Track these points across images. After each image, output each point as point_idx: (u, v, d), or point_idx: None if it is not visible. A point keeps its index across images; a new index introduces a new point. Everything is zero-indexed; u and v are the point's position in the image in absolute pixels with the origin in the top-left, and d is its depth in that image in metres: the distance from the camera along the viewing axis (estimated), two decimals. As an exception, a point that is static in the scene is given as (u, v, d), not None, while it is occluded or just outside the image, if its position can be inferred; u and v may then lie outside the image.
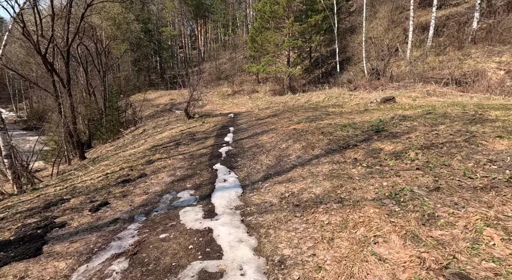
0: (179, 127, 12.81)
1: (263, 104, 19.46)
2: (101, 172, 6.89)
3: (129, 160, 7.54)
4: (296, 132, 7.33)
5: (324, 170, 4.67)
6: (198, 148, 7.69)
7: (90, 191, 5.19)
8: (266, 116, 11.34)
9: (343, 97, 14.64)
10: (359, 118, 8.14)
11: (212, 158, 6.44)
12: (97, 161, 10.35)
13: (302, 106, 13.37)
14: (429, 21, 23.08)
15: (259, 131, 8.60)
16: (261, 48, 24.35)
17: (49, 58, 16.93)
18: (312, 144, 6.08)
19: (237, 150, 6.93)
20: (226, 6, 35.67)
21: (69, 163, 16.01)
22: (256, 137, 7.90)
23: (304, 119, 9.20)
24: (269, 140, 7.22)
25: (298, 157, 5.60)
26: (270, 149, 6.44)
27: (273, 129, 8.32)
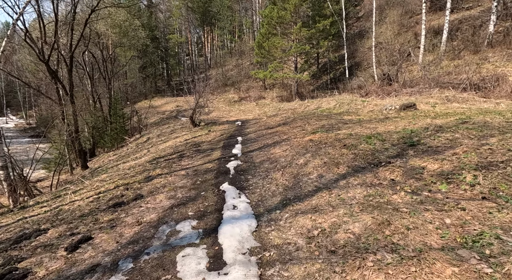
0: (184, 136, 11.96)
1: (270, 111, 18.56)
2: (94, 190, 6.01)
3: (127, 176, 6.66)
4: (313, 144, 6.38)
5: (357, 196, 3.70)
6: (203, 162, 6.78)
7: (74, 217, 4.30)
8: (276, 125, 10.42)
9: (355, 104, 13.66)
10: (382, 127, 7.18)
11: (219, 175, 5.52)
12: (96, 173, 9.52)
13: (313, 113, 12.43)
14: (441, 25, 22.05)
15: (270, 142, 7.67)
16: (268, 54, 23.58)
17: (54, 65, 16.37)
18: (335, 159, 5.12)
19: (247, 165, 5.99)
20: (232, 13, 35.14)
21: (71, 173, 15.26)
22: (267, 149, 6.97)
23: (319, 128, 8.26)
24: (283, 153, 6.28)
25: (321, 177, 4.64)
26: (285, 165, 5.49)
27: (286, 140, 7.38)
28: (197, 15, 34.37)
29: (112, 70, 21.11)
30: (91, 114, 18.64)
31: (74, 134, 13.86)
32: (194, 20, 36.03)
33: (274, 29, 23.83)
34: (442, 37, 18.86)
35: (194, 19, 35.84)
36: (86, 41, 18.28)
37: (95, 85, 20.96)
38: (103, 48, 20.32)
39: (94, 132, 17.93)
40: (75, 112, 13.90)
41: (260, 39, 23.53)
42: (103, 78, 20.66)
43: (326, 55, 26.01)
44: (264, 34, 23.49)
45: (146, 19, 29.99)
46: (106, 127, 18.25)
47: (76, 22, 14.09)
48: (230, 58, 35.08)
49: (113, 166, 9.94)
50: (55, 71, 13.22)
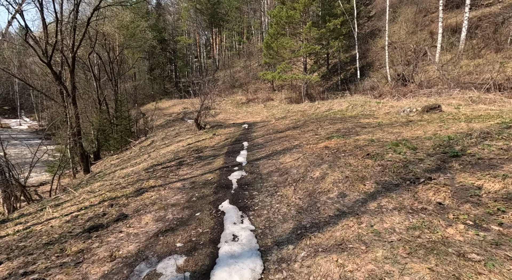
0: (188, 140, 11.13)
1: (279, 113, 17.60)
2: (78, 203, 5.18)
3: (118, 186, 5.81)
4: (329, 152, 5.40)
5: (397, 228, 2.72)
6: (203, 171, 5.88)
7: (39, 245, 3.44)
8: (286, 128, 9.46)
9: (370, 105, 12.59)
10: (408, 132, 6.16)
11: (219, 190, 4.60)
12: (91, 180, 8.76)
13: (325, 115, 11.41)
14: (459, 22, 20.68)
15: (279, 148, 6.72)
16: (277, 55, 22.65)
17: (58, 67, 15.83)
18: (359, 173, 4.14)
19: (253, 178, 5.05)
20: (241, 14, 34.36)
21: (74, 176, 14.64)
22: (276, 157, 6.01)
23: (334, 132, 7.27)
24: (294, 162, 5.32)
25: (343, 196, 3.67)
26: (297, 179, 4.53)
27: (298, 147, 6.42)
28: (206, 16, 33.70)
29: (119, 72, 20.54)
30: (97, 116, 18.06)
31: (76, 137, 13.23)
32: (202, 22, 35.40)
33: (283, 29, 22.89)
34: (460, 35, 17.57)
35: (202, 20, 35.20)
36: (92, 42, 17.76)
37: (102, 87, 20.43)
38: (109, 50, 19.77)
39: (99, 134, 17.31)
40: (77, 114, 13.26)
41: (268, 40, 22.63)
42: (109, 80, 20.10)
43: (337, 56, 24.89)
44: (273, 34, 22.58)
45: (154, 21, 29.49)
46: (111, 129, 17.62)
47: (79, 22, 13.50)
48: (238, 59, 34.27)
49: (110, 172, 9.15)
50: (57, 72, 12.61)
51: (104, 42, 19.03)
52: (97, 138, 17.31)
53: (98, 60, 19.93)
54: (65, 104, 14.12)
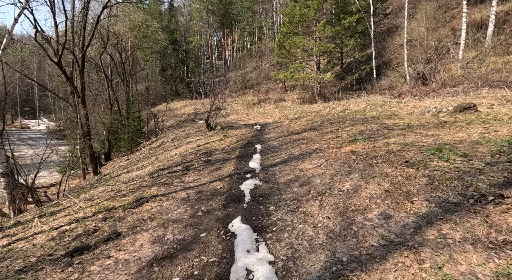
0: (197, 141, 10.47)
1: (292, 113, 16.76)
2: (72, 214, 4.55)
3: (118, 194, 5.16)
4: (357, 157, 4.56)
5: (481, 275, 1.89)
6: (211, 178, 5.15)
7: (8, 273, 2.78)
8: (302, 130, 8.63)
9: (390, 105, 11.61)
10: (447, 135, 5.25)
11: (229, 203, 3.84)
12: (96, 184, 8.19)
13: (343, 116, 10.51)
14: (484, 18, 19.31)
15: (296, 152, 5.91)
16: (289, 54, 21.80)
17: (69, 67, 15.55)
18: (401, 185, 3.30)
19: (268, 188, 4.27)
20: (253, 14, 33.67)
21: (84, 178, 14.25)
22: (294, 163, 5.21)
23: (358, 135, 6.42)
24: (317, 170, 4.51)
25: (386, 216, 2.84)
26: (323, 191, 3.73)
27: (318, 151, 5.59)
28: (217, 17, 33.18)
29: (130, 73, 20.20)
30: (108, 117, 17.73)
31: (85, 137, 12.83)
32: (214, 22, 34.90)
33: (296, 28, 22.05)
34: (487, 31, 16.27)
35: (214, 21, 34.71)
36: (104, 42, 17.44)
37: (115, 88, 20.15)
38: (121, 50, 19.44)
39: (110, 135, 16.94)
40: (86, 114, 12.84)
41: (281, 39, 21.81)
42: (121, 80, 19.78)
43: (351, 55, 23.81)
44: (285, 33, 21.75)
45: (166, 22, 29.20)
46: (122, 130, 17.23)
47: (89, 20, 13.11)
48: (249, 60, 33.56)
49: (116, 176, 8.57)
50: (67, 72, 12.22)
51: (116, 43, 18.71)
52: (108, 139, 16.93)
53: (111, 61, 19.65)
54: (76, 104, 13.78)
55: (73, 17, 13.21)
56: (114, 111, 18.36)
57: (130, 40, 20.05)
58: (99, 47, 17.92)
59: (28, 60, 44.34)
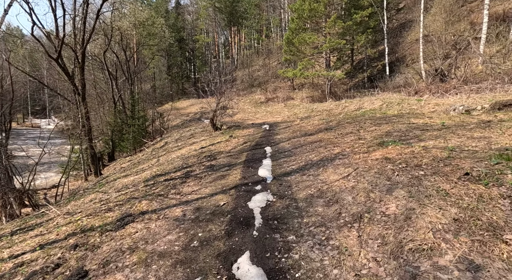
0: (202, 142, 9.56)
1: (302, 112, 15.74)
2: (42, 235, 3.68)
3: (102, 209, 4.27)
4: (395, 167, 3.56)
5: None
6: (213, 189, 4.21)
7: None
8: (316, 130, 7.62)
9: (409, 103, 10.51)
10: (502, 138, 4.22)
11: (234, 228, 2.89)
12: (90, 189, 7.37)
13: (361, 115, 9.45)
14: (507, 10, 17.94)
15: (315, 158, 4.92)
16: (298, 51, 20.72)
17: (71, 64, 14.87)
18: (477, 212, 2.29)
19: (284, 205, 3.30)
20: (260, 11, 32.56)
21: (86, 179, 13.54)
22: (314, 171, 4.22)
23: (384, 136, 5.41)
24: (345, 183, 3.52)
25: (472, 268, 1.84)
26: (360, 214, 2.74)
27: (341, 156, 4.60)
28: (224, 15, 32.22)
29: (135, 71, 19.45)
30: (112, 116, 17.03)
31: (86, 137, 12.10)
32: (221, 20, 33.95)
33: (305, 24, 20.94)
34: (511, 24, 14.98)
35: (221, 19, 33.76)
36: (108, 39, 16.71)
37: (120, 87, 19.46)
38: (126, 48, 18.69)
39: (113, 135, 16.22)
40: (87, 113, 12.09)
41: (289, 35, 20.75)
42: (126, 79, 19.05)
43: (363, 51, 22.54)
44: (294, 29, 20.68)
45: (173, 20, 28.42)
46: (126, 130, 16.48)
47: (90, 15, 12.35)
48: (257, 58, 32.53)
49: (112, 180, 7.73)
50: (66, 69, 11.47)
51: (120, 40, 17.96)
52: (112, 139, 16.22)
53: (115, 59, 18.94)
54: (77, 102, 13.06)
55: (75, 11, 12.47)
56: (119, 110, 17.65)
57: (135, 37, 19.29)
58: (102, 44, 17.22)
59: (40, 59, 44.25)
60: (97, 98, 20.05)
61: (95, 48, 18.64)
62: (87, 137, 12.17)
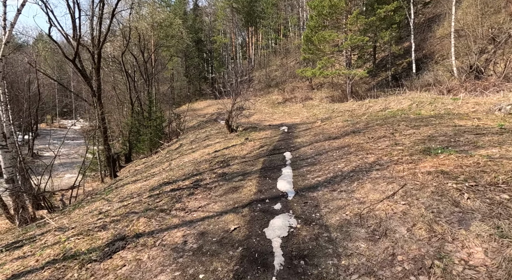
0: (216, 145, 8.91)
1: (322, 113, 14.75)
2: (20, 260, 3.10)
3: (97, 225, 3.65)
4: (458, 184, 2.64)
5: None
6: (223, 206, 3.47)
7: None
8: (341, 133, 6.70)
9: (443, 103, 9.33)
10: None
11: (247, 271, 2.12)
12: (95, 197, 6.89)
13: (391, 116, 8.39)
14: (553, -2, 16.10)
15: (345, 167, 4.05)
16: (317, 50, 19.68)
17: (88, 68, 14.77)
18: None
19: (313, 236, 2.48)
20: (278, 10, 31.67)
21: (102, 180, 13.34)
22: (346, 185, 3.37)
23: (427, 141, 4.47)
24: (392, 205, 2.65)
25: None
26: (425, 259, 1.89)
27: (378, 167, 3.71)
28: (242, 15, 31.60)
29: (152, 72, 19.24)
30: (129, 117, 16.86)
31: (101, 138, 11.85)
32: (238, 21, 33.38)
33: (325, 21, 19.86)
34: (562, 12, 13.13)
35: (238, 20, 33.19)
36: (126, 40, 16.54)
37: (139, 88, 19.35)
38: (144, 49, 18.51)
39: (130, 136, 16.00)
40: (102, 114, 11.82)
41: (308, 33, 19.76)
42: (144, 80, 18.87)
43: (386, 48, 21.09)
44: (313, 27, 19.66)
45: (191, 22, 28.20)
46: (142, 131, 16.22)
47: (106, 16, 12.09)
48: (274, 57, 31.65)
49: (121, 186, 7.23)
50: (82, 70, 11.23)
51: (138, 41, 17.78)
52: (129, 140, 16.01)
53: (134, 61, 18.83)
54: (94, 104, 12.86)
55: (92, 11, 12.25)
56: (136, 112, 17.47)
57: (153, 38, 19.09)
58: (121, 46, 17.10)
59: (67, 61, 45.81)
60: (117, 99, 20.05)
61: (114, 51, 18.62)
62: (103, 138, 11.92)
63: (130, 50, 17.68)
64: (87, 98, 16.06)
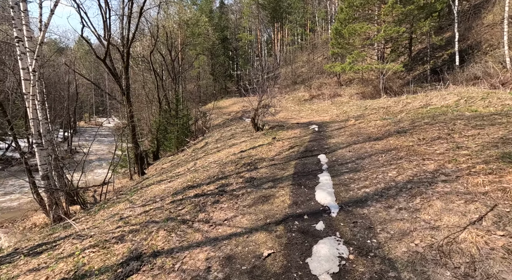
0: (241, 144, 8.43)
1: (353, 110, 13.71)
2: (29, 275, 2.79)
3: (114, 236, 3.30)
4: None
5: None
6: (253, 220, 2.93)
7: None
8: (383, 133, 5.87)
9: (499, 98, 8.11)
10: None
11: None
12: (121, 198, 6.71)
13: (441, 113, 7.34)
14: None
15: (399, 177, 3.32)
16: (347, 44, 18.52)
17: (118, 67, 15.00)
18: None
19: (374, 277, 1.86)
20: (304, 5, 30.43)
21: (131, 178, 13.51)
22: (406, 202, 2.67)
23: (501, 144, 3.57)
24: (482, 235, 1.94)
25: None
26: None
27: (443, 177, 2.95)
28: (268, 11, 30.83)
29: (179, 70, 19.26)
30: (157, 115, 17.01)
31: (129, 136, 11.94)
32: (264, 17, 32.67)
33: (356, 13, 18.57)
34: None
35: (264, 16, 32.48)
36: (154, 39, 16.64)
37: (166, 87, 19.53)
38: (171, 48, 18.55)
39: (158, 134, 16.11)
40: (130, 112, 11.87)
41: (338, 26, 18.61)
42: (171, 78, 18.96)
43: (423, 40, 19.28)
44: (343, 19, 18.49)
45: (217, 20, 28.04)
46: (170, 129, 16.27)
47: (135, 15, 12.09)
48: (300, 54, 30.57)
49: (147, 186, 7.00)
50: (111, 70, 11.33)
51: (166, 40, 17.84)
52: (157, 138, 16.13)
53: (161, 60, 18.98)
54: (123, 102, 13.01)
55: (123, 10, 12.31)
56: (164, 110, 17.59)
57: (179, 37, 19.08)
58: (150, 45, 17.26)
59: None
60: (146, 98, 20.40)
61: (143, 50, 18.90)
62: (131, 136, 11.99)
63: (158, 49, 17.79)
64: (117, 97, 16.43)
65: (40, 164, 8.40)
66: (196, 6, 29.17)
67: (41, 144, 8.52)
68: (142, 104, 21.27)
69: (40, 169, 8.46)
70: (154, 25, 15.43)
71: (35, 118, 8.21)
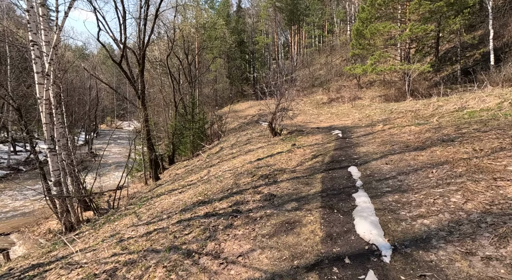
0: (258, 151, 7.76)
1: (376, 114, 12.68)
2: None
3: (108, 263, 2.71)
4: None
5: None
6: (274, 259, 2.23)
7: None
8: (424, 142, 4.98)
9: (554, 101, 6.82)
10: None
11: None
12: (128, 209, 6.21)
13: (491, 117, 6.30)
14: None
15: (468, 205, 2.50)
16: (368, 44, 17.47)
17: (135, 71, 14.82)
18: None
19: None
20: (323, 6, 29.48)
21: (146, 182, 13.18)
22: (490, 245, 1.89)
23: None
24: None
25: None
26: None
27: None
28: (285, 13, 30.15)
29: (196, 74, 18.97)
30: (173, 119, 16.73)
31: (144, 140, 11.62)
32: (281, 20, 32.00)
33: (379, 11, 17.49)
34: None
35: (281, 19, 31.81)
36: (171, 43, 16.44)
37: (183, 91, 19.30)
38: (188, 52, 18.31)
39: (174, 138, 15.79)
40: (146, 116, 11.54)
41: (359, 26, 17.62)
42: (188, 82, 18.69)
43: (453, 38, 17.81)
44: (365, 19, 17.48)
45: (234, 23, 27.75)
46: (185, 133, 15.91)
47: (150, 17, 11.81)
48: (318, 56, 29.57)
49: (155, 196, 6.47)
50: (127, 73, 11.07)
51: (183, 44, 17.62)
52: (173, 142, 15.81)
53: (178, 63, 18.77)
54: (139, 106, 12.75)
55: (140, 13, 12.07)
56: (180, 114, 17.30)
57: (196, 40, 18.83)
58: (167, 49, 17.09)
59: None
60: (163, 102, 20.28)
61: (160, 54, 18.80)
62: (146, 139, 11.67)
63: (175, 53, 17.57)
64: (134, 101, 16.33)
65: (52, 169, 8.12)
66: (213, 10, 29.07)
67: (54, 149, 8.25)
68: (159, 107, 21.20)
69: (52, 175, 8.18)
70: (171, 28, 15.19)
71: (48, 122, 7.95)
